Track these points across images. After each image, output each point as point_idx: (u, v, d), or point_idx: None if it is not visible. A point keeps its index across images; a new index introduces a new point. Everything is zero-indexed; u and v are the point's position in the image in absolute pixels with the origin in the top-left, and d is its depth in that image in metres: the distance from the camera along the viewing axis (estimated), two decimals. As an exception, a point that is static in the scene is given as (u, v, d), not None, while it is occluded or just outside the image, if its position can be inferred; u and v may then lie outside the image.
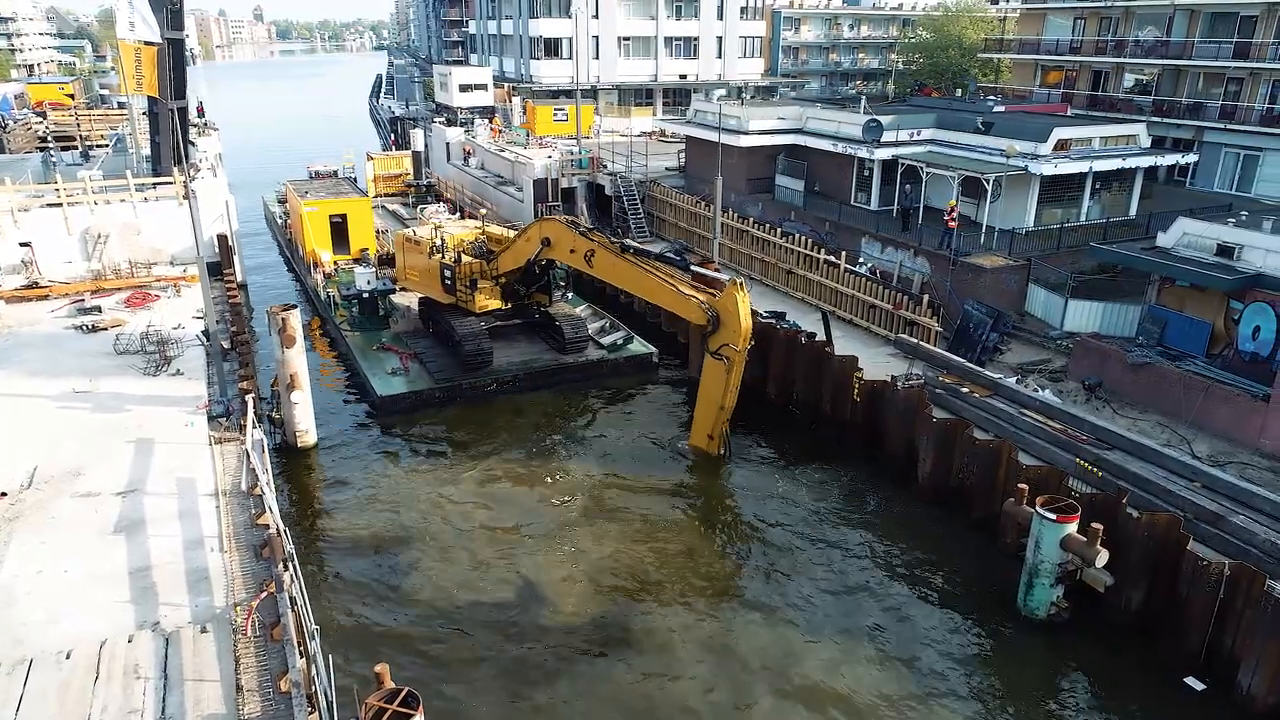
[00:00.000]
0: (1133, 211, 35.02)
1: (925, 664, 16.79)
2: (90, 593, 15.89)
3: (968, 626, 17.84)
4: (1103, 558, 16.38)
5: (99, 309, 30.54)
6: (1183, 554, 16.39)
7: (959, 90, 65.97)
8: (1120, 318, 26.88)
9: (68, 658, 14.19)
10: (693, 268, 24.96)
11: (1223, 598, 15.85)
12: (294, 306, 23.75)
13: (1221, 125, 41.81)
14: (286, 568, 16.22)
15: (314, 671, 13.41)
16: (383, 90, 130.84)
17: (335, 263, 37.72)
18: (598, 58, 67.70)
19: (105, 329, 28.81)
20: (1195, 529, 17.25)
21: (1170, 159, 35.42)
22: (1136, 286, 27.69)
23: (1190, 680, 15.94)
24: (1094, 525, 16.47)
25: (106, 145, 51.00)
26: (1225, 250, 24.35)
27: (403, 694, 11.96)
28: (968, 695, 16.07)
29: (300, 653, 14.29)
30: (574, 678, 16.45)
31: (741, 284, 22.19)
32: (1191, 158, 36.63)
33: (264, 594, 15.50)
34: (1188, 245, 25.24)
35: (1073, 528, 16.92)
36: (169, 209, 36.54)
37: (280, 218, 47.09)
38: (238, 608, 15.24)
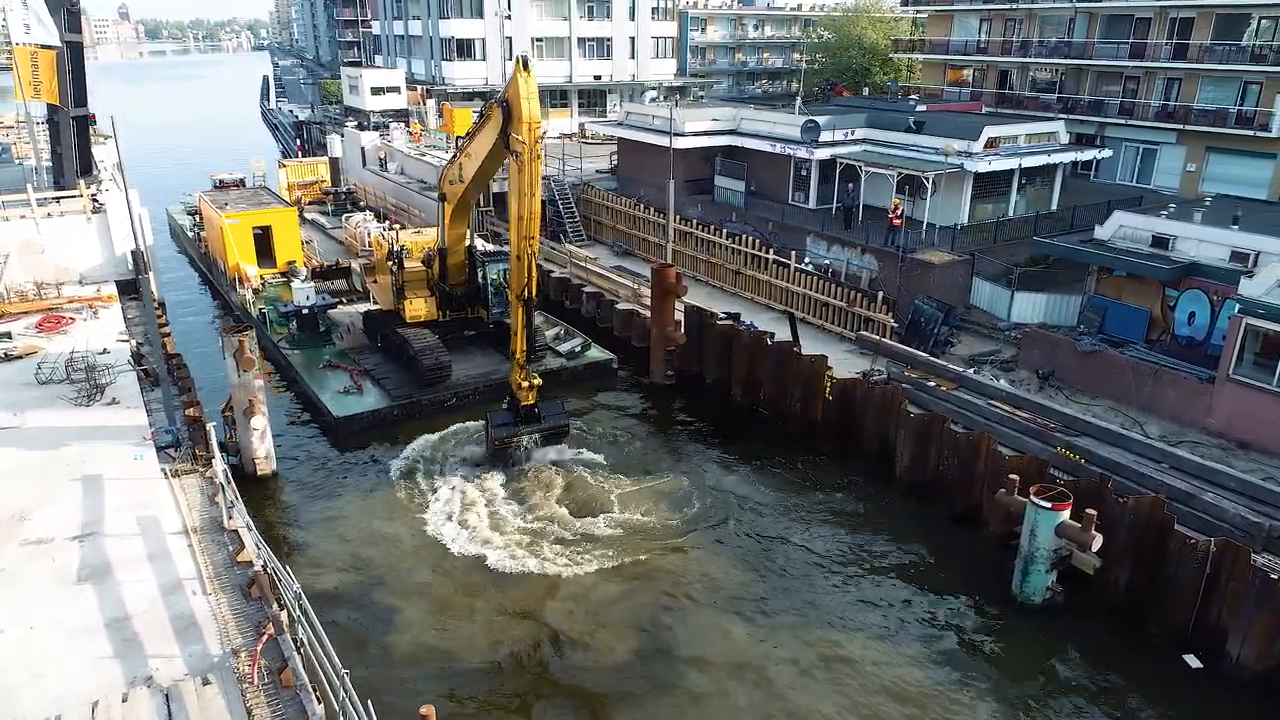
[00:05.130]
0: (1054, 205, 36.75)
1: (933, 655, 17.10)
2: (66, 649, 14.55)
3: (968, 616, 18.28)
4: (1097, 542, 17.04)
5: (9, 335, 28.13)
6: (1169, 534, 17.21)
7: (866, 89, 67.95)
8: (1062, 308, 28.12)
9: (57, 725, 12.97)
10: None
11: (1209, 573, 16.72)
12: (249, 327, 22.40)
13: (1122, 121, 44.33)
14: (282, 607, 15.28)
15: (345, 718, 12.58)
16: (273, 93, 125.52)
17: (262, 277, 35.86)
18: (511, 59, 66.58)
19: (20, 357, 26.57)
20: (1169, 508, 18.12)
21: (1089, 154, 37.36)
22: (1069, 277, 29.03)
23: (1189, 658, 16.72)
24: (1088, 511, 17.12)
25: (-11, 156, 47.07)
26: (1160, 241, 25.77)
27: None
28: (979, 682, 16.44)
29: (317, 698, 13.50)
30: (609, 705, 16.09)
31: (525, 60, 20.52)
32: (1106, 153, 38.75)
33: (265, 637, 14.53)
34: (1124, 237, 26.59)
35: (1066, 515, 17.54)
36: (75, 224, 34.01)
37: (191, 230, 44.49)
38: (242, 654, 14.21)
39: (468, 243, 28.91)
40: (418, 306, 28.48)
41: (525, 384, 23.23)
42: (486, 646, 17.36)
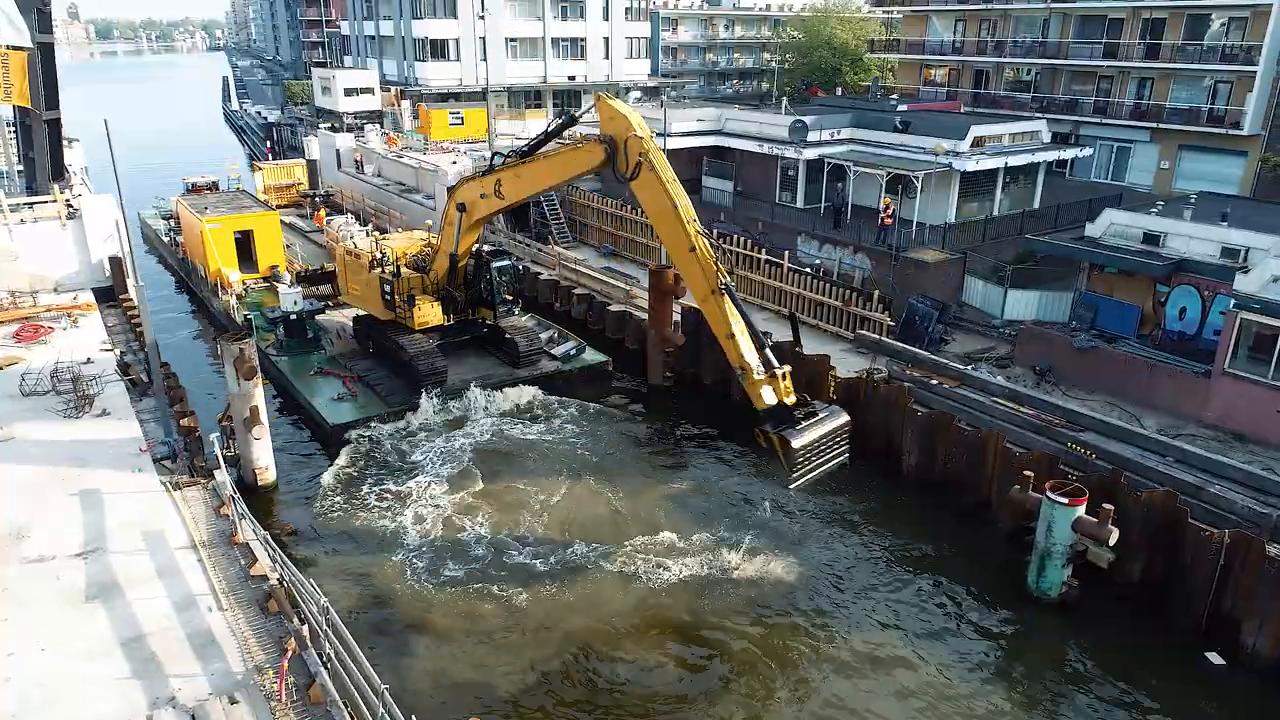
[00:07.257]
0: (1036, 203, 37.27)
1: (952, 651, 17.18)
2: (82, 671, 14.11)
3: (985, 612, 18.39)
4: (1114, 537, 17.23)
5: (-13, 345, 27.33)
6: (1183, 527, 17.45)
7: (839, 89, 68.43)
8: (1055, 305, 28.47)
9: (80, 750, 12.55)
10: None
11: (1223, 564, 16.98)
12: (247, 334, 21.89)
13: (1096, 120, 45.12)
14: (303, 621, 14.93)
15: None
16: (234, 94, 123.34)
17: (244, 283, 35.14)
18: (485, 59, 66.01)
19: (1, 368, 25.80)
20: (1179, 501, 18.40)
21: (1070, 153, 37.95)
22: (1055, 274, 29.40)
23: (1211, 655, 16.89)
24: (1105, 506, 17.31)
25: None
26: (1151, 238, 26.19)
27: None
28: (1001, 678, 16.54)
29: (349, 713, 13.20)
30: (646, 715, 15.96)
31: (601, 95, 21.64)
32: (1087, 151, 39.37)
33: (290, 653, 14.18)
34: (1115, 235, 26.99)
35: (1081, 510, 17.73)
36: (50, 230, 33.16)
37: (167, 235, 43.49)
38: (270, 671, 13.85)
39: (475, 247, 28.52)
40: (426, 313, 28.03)
41: (778, 372, 18.38)
42: (515, 661, 17.02)
